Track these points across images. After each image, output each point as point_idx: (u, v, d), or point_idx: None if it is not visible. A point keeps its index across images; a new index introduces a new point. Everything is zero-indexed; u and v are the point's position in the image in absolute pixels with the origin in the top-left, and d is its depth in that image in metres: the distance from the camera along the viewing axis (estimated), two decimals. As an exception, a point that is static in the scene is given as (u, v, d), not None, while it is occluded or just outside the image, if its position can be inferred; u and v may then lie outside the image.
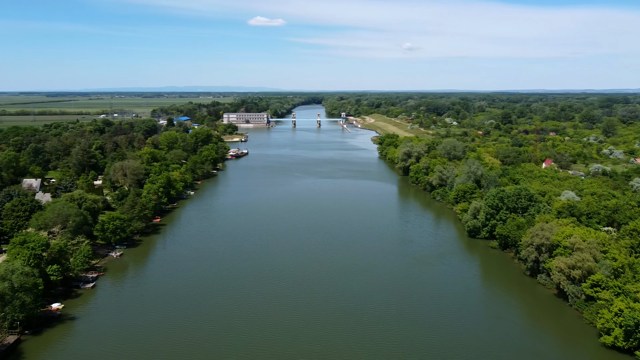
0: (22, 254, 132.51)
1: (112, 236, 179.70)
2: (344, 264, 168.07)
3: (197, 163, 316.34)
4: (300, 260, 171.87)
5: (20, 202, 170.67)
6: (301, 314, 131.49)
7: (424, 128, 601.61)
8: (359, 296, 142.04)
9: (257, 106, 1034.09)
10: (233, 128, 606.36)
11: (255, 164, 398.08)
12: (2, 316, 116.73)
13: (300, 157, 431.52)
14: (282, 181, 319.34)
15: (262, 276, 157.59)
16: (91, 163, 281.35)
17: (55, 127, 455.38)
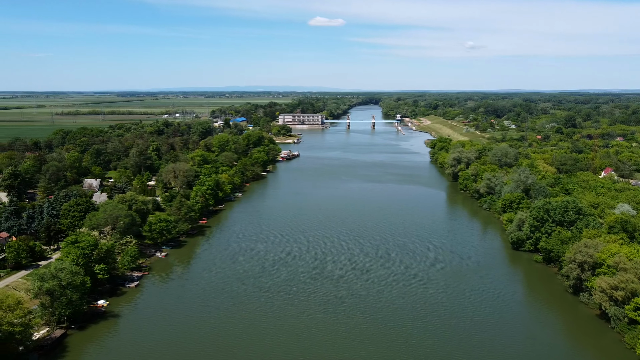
0: (72, 253, 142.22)
1: (158, 237, 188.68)
2: (382, 272, 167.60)
3: (246, 165, 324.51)
4: (339, 266, 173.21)
5: (76, 203, 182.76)
6: (332, 321, 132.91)
7: (480, 131, 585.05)
8: (393, 306, 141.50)
9: (314, 107, 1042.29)
10: (287, 129, 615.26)
11: (305, 166, 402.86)
12: (51, 311, 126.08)
13: (350, 160, 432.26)
14: (328, 184, 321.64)
15: (299, 281, 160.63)
16: (147, 164, 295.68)
17: (119, 127, 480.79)
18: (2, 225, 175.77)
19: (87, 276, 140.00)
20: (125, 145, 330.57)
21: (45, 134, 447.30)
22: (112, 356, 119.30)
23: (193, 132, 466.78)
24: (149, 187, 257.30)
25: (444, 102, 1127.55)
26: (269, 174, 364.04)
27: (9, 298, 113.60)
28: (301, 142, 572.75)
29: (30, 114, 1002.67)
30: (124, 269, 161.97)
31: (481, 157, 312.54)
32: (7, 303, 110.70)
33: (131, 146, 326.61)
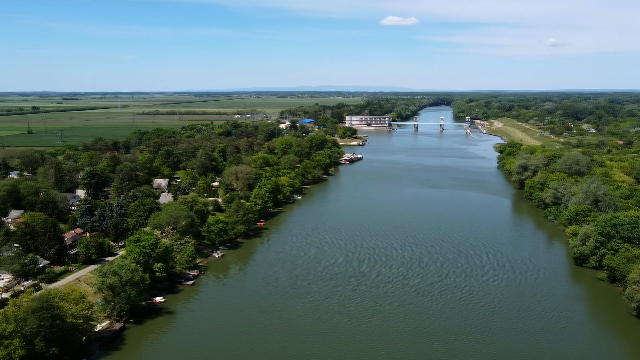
0: (134, 251, 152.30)
1: (216, 238, 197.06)
2: (432, 282, 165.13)
3: (307, 168, 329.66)
4: (389, 274, 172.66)
5: (142, 203, 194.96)
6: (374, 329, 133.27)
7: (555, 135, 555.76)
8: (439, 319, 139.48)
9: (382, 108, 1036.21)
10: (352, 131, 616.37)
11: (367, 169, 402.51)
12: (112, 305, 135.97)
13: (413, 164, 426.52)
14: (388, 189, 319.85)
15: (348, 286, 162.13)
16: (212, 165, 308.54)
17: (191, 128, 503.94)
18: (77, 221, 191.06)
19: (147, 273, 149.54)
20: (194, 147, 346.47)
21: (125, 134, 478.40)
22: (166, 350, 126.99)
23: (259, 134, 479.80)
24: (213, 188, 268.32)
25: (519, 104, 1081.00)
26: (330, 176, 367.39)
27: (74, 292, 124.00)
28: (366, 145, 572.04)
29: (115, 113, 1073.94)
30: (182, 268, 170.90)
31: (550, 165, 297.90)
32: (72, 297, 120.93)
33: (199, 147, 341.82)
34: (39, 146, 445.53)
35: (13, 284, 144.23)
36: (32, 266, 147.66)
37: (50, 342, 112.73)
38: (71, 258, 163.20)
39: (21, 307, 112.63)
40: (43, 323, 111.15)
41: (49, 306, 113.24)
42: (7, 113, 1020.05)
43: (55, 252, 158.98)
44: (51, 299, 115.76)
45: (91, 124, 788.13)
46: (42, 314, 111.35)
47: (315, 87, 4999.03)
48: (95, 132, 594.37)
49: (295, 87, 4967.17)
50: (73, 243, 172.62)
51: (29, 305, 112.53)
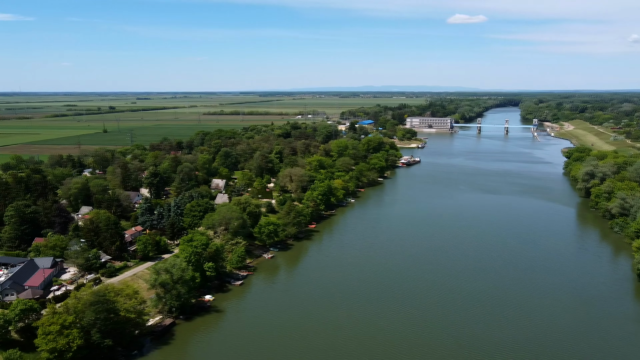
0: (186, 251, 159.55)
1: (267, 239, 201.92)
2: (480, 295, 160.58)
3: (362, 171, 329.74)
4: (436, 282, 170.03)
5: (197, 204, 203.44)
6: (415, 340, 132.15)
7: (631, 140, 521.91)
8: (484, 333, 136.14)
9: (445, 109, 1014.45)
10: (412, 133, 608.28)
11: (424, 173, 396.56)
12: (164, 302, 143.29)
13: (473, 168, 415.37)
14: (444, 193, 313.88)
15: (395, 292, 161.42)
16: (268, 167, 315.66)
17: (251, 129, 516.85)
18: (138, 219, 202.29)
19: (197, 272, 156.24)
20: (252, 148, 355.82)
21: (190, 133, 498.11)
22: (213, 347, 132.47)
23: (318, 135, 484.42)
24: (268, 190, 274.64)
25: (593, 105, 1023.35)
26: (386, 180, 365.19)
27: (129, 288, 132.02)
28: (425, 147, 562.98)
29: (183, 113, 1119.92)
30: (232, 268, 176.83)
31: (620, 172, 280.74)
32: (126, 292, 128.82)
33: (257, 149, 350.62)
34: (111, 145, 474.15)
35: (77, 277, 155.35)
36: (94, 261, 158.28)
37: (105, 334, 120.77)
38: (130, 254, 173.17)
39: (80, 300, 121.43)
40: (99, 316, 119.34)
41: (104, 300, 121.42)
42: (86, 113, 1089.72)
43: (116, 248, 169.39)
44: (107, 293, 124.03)
45: (160, 123, 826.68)
46: (98, 307, 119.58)
47: (379, 87, 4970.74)
48: (163, 132, 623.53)
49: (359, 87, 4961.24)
50: (133, 240, 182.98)
51: (87, 298, 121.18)
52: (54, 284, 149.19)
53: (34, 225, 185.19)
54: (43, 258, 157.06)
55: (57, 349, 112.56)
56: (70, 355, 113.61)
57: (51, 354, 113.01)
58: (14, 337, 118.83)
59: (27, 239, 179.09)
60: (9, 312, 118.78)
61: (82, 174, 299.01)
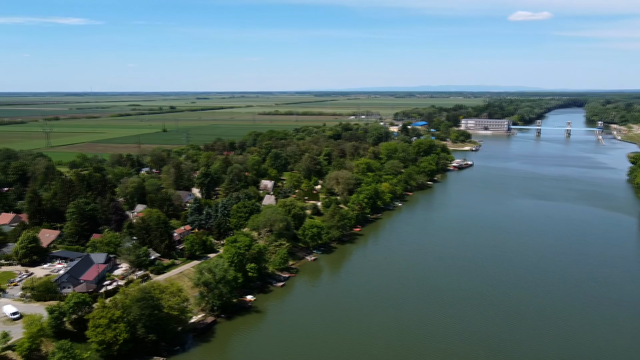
0: (229, 251, 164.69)
1: (310, 241, 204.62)
2: (526, 308, 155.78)
3: (411, 174, 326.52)
4: (482, 294, 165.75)
5: (243, 205, 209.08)
6: (456, 350, 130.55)
7: None
8: (525, 352, 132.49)
9: (503, 110, 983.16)
10: (466, 136, 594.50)
11: (476, 177, 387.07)
12: (206, 300, 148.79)
13: (528, 173, 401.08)
14: (495, 198, 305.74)
15: (439, 301, 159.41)
16: (316, 169, 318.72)
17: (303, 130, 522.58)
18: (188, 219, 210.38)
19: (240, 273, 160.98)
20: (302, 149, 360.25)
21: (244, 134, 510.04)
22: (252, 346, 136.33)
23: (368, 137, 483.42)
24: (315, 192, 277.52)
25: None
26: (436, 183, 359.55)
27: (173, 286, 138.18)
28: (480, 150, 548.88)
29: (238, 113, 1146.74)
30: (274, 269, 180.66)
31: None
32: (171, 290, 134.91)
33: (306, 150, 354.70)
34: (169, 144, 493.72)
35: (128, 273, 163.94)
36: (144, 258, 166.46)
37: (149, 329, 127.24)
38: (178, 253, 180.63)
39: (128, 296, 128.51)
40: (144, 312, 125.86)
41: (150, 297, 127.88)
42: (149, 112, 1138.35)
43: (165, 247, 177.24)
44: (152, 290, 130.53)
45: (216, 123, 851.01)
46: (143, 303, 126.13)
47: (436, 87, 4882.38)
48: (219, 132, 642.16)
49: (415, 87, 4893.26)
50: (181, 239, 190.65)
51: (134, 294, 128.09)
52: (107, 279, 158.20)
53: (93, 222, 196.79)
54: (98, 254, 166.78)
55: (105, 341, 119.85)
56: (117, 348, 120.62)
57: (100, 346, 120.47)
58: (68, 328, 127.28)
59: (86, 234, 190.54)
60: (64, 305, 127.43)
61: (140, 173, 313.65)
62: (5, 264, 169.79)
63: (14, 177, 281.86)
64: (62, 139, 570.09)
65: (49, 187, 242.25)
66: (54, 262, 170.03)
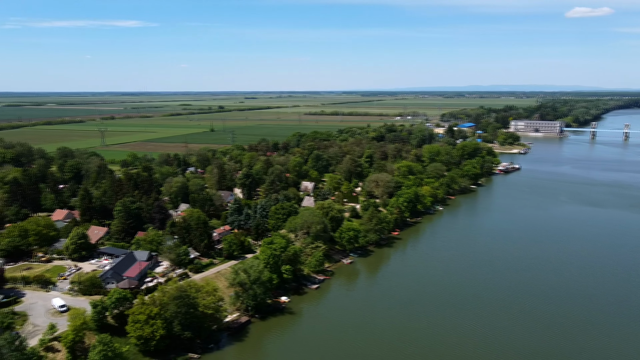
0: (265, 253, 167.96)
1: (347, 244, 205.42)
2: (569, 322, 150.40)
3: (454, 178, 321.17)
4: (521, 305, 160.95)
5: (281, 207, 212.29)
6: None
7: None
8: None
9: (555, 111, 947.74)
10: (514, 138, 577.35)
11: (522, 181, 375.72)
12: (241, 300, 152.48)
13: (579, 178, 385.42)
14: (540, 204, 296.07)
15: (475, 309, 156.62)
16: (357, 171, 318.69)
17: (346, 131, 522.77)
18: (227, 219, 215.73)
19: (275, 274, 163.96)
20: (343, 151, 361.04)
21: (289, 133, 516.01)
22: (285, 346, 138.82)
23: (412, 139, 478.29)
24: (354, 194, 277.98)
25: None
26: (480, 187, 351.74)
27: (208, 285, 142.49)
28: (528, 153, 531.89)
29: (285, 113, 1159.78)
30: (310, 271, 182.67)
31: None
32: (206, 289, 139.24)
33: (348, 152, 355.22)
34: (215, 144, 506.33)
35: (169, 271, 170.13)
36: (184, 257, 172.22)
37: (185, 326, 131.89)
38: (217, 252, 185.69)
39: (166, 294, 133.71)
40: (180, 310, 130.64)
41: (186, 295, 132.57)
42: (198, 112, 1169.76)
43: (204, 246, 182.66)
44: (189, 289, 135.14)
45: (263, 123, 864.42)
46: (180, 301, 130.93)
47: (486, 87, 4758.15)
48: (264, 132, 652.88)
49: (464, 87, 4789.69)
50: (221, 239, 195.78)
51: (171, 292, 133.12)
52: (148, 276, 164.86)
53: (138, 220, 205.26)
54: (141, 251, 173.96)
55: (143, 336, 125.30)
56: (154, 343, 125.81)
57: (138, 341, 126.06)
58: (110, 322, 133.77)
59: (132, 232, 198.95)
60: (106, 300, 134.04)
61: (186, 173, 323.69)
62: (57, 258, 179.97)
63: (70, 175, 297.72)
64: (116, 137, 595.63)
65: (100, 185, 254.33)
66: (101, 258, 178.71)
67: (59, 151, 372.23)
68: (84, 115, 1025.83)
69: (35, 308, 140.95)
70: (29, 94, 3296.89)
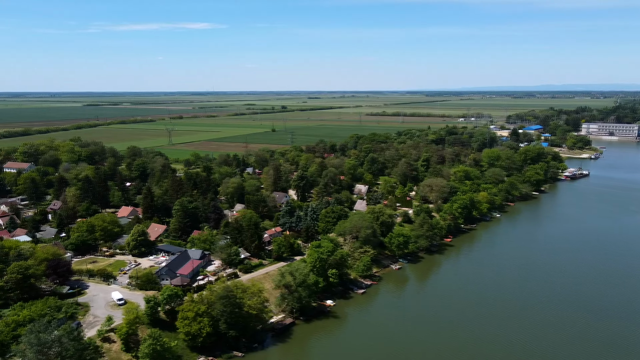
0: (312, 256, 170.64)
1: (396, 250, 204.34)
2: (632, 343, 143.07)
3: (513, 184, 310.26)
4: (573, 323, 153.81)
5: (332, 210, 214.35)
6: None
7: None
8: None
9: (635, 113, 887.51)
10: (585, 142, 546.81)
11: (590, 188, 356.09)
12: (286, 302, 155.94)
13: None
14: (610, 214, 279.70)
15: (524, 326, 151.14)
16: (412, 175, 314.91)
17: (405, 134, 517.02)
18: (279, 221, 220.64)
19: (321, 277, 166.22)
20: (400, 154, 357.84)
21: (349, 134, 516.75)
22: (328, 349, 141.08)
23: (473, 142, 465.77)
24: (408, 199, 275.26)
25: None
26: (543, 194, 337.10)
27: (254, 286, 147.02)
28: (600, 158, 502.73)
29: (346, 113, 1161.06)
30: (357, 276, 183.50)
31: None
32: (252, 290, 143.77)
33: (405, 155, 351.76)
34: (275, 144, 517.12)
35: (220, 270, 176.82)
36: (235, 257, 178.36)
37: (230, 325, 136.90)
38: (266, 253, 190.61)
39: (213, 293, 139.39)
40: (226, 309, 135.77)
41: (232, 295, 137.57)
42: (261, 112, 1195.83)
43: (255, 247, 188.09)
44: (235, 289, 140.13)
45: (323, 123, 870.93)
46: (226, 301, 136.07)
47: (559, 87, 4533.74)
48: (324, 132, 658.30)
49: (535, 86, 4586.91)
50: (271, 240, 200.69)
51: (218, 292, 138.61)
52: (200, 274, 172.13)
53: (194, 219, 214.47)
54: (195, 250, 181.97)
55: (191, 332, 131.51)
56: (201, 340, 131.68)
57: (186, 336, 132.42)
58: (162, 317, 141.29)
59: (188, 230, 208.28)
60: (159, 296, 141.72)
61: (244, 173, 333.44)
62: (120, 253, 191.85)
63: (136, 174, 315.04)
64: (182, 137, 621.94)
65: (162, 184, 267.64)
66: (158, 254, 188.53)
67: (128, 150, 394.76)
68: (155, 114, 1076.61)
69: (96, 300, 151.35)
70: (107, 94, 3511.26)
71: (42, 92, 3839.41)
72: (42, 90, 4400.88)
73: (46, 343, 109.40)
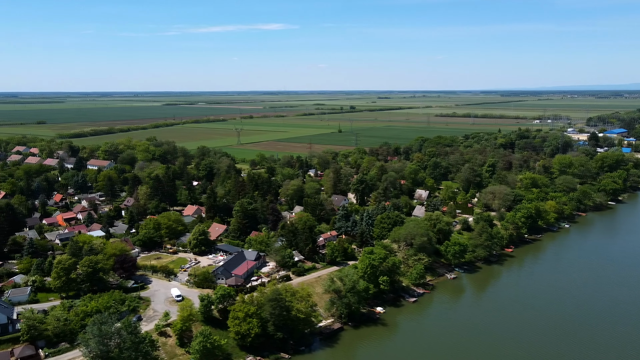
0: (364, 262, 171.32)
1: (452, 259, 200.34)
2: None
3: (586, 193, 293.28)
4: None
5: (387, 216, 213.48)
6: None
7: None
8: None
9: None
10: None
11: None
12: (335, 307, 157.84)
13: None
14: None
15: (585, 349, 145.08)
16: (476, 181, 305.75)
17: (472, 137, 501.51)
18: (335, 224, 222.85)
19: (371, 284, 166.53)
20: (464, 159, 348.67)
21: (417, 136, 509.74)
22: (375, 356, 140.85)
23: (546, 147, 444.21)
24: (470, 205, 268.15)
25: None
26: (620, 204, 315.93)
27: (303, 290, 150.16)
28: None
29: (415, 114, 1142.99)
30: (409, 283, 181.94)
31: None
32: (300, 294, 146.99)
33: (470, 160, 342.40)
34: (340, 145, 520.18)
35: (274, 272, 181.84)
36: (288, 259, 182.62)
37: (278, 327, 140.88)
38: (320, 257, 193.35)
39: (263, 295, 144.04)
40: (274, 311, 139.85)
41: (280, 299, 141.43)
42: (329, 112, 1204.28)
43: (309, 250, 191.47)
44: (284, 293, 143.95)
45: (391, 124, 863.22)
46: (274, 304, 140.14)
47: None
48: (391, 134, 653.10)
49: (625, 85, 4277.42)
50: (325, 243, 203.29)
51: (268, 294, 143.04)
52: (255, 275, 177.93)
53: (253, 220, 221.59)
54: (251, 251, 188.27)
55: (240, 332, 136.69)
56: (250, 340, 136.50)
57: (236, 336, 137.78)
58: (215, 315, 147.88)
59: (247, 231, 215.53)
60: (213, 295, 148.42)
61: (306, 174, 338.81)
62: (182, 250, 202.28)
63: (204, 173, 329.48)
64: (251, 136, 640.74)
65: (225, 184, 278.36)
66: (217, 254, 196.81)
67: (198, 149, 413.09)
68: (227, 114, 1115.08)
69: (157, 295, 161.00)
70: (184, 94, 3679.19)
71: (127, 92, 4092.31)
72: (126, 90, 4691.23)
73: (107, 334, 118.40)
